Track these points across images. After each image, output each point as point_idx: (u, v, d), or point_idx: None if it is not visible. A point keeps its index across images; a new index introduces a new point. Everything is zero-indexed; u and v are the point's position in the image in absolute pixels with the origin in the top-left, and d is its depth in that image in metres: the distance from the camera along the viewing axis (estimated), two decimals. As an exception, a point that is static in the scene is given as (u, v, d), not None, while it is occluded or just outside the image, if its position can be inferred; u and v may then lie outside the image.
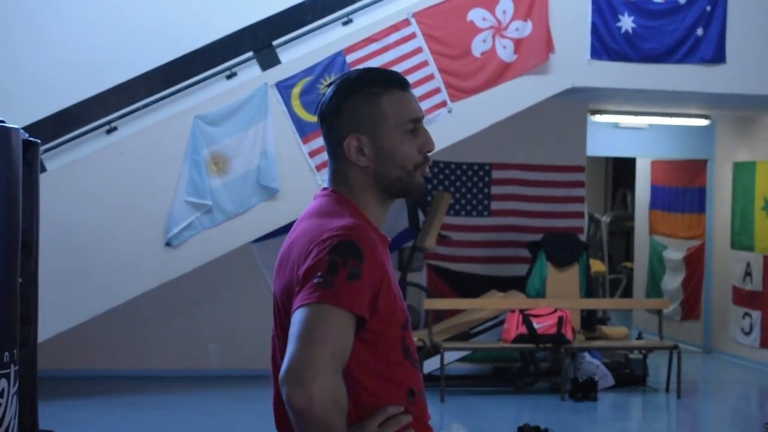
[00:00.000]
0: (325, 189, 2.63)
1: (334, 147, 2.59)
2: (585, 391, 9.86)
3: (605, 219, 15.27)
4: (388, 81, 2.59)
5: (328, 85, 2.63)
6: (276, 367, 2.53)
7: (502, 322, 10.32)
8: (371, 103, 2.55)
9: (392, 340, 2.49)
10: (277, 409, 2.57)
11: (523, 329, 9.94)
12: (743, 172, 12.23)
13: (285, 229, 9.38)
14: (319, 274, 2.35)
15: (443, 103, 9.26)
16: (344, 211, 2.51)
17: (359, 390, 2.42)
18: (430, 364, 9.88)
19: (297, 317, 2.34)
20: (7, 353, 3.92)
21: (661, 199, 13.78)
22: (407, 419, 2.46)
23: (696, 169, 13.10)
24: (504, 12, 9.37)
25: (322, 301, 2.32)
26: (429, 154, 2.62)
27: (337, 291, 2.33)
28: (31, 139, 4.47)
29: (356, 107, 2.55)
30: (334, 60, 9.11)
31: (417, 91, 2.71)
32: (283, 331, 2.50)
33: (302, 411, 2.27)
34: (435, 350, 9.78)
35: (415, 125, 2.59)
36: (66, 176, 8.86)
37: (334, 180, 2.62)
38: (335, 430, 2.30)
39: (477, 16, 9.35)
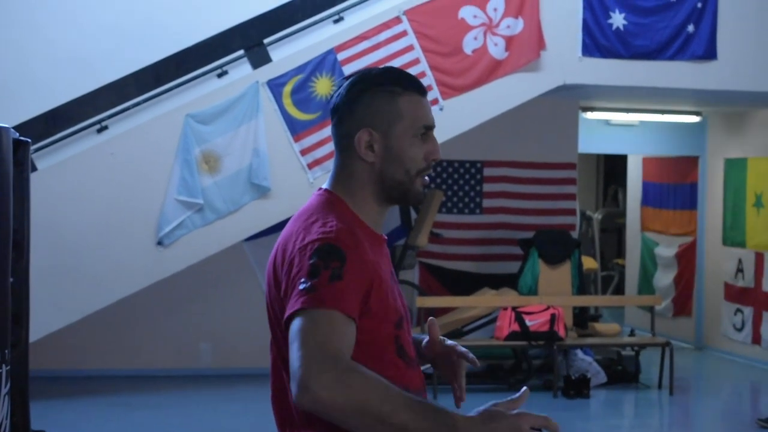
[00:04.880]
0: (319, 189, 2.64)
1: (343, 138, 2.59)
2: (577, 388, 9.85)
3: (597, 216, 15.28)
4: (409, 83, 2.61)
5: (346, 78, 2.63)
6: (272, 362, 2.59)
7: (494, 320, 10.31)
8: (389, 100, 2.56)
9: (384, 340, 2.49)
10: (275, 404, 2.59)
11: (515, 327, 9.93)
12: (734, 168, 12.24)
13: (277, 228, 9.40)
14: (302, 280, 2.36)
15: (435, 101, 9.23)
16: (330, 215, 2.50)
17: None
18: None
19: (291, 328, 2.34)
20: (-2, 353, 3.90)
21: (652, 195, 13.78)
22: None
23: (687, 165, 13.11)
24: (495, 9, 9.37)
25: (306, 306, 2.32)
26: (433, 164, 2.64)
27: (319, 294, 2.32)
28: (21, 138, 4.45)
29: (373, 102, 2.56)
30: (325, 58, 9.10)
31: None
32: (271, 330, 2.56)
33: (325, 411, 2.25)
34: (427, 348, 9.75)
35: (427, 132, 2.60)
36: (57, 175, 8.83)
37: (335, 176, 2.62)
38: (361, 406, 2.23)
39: (468, 13, 9.35)
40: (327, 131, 2.49)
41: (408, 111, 2.56)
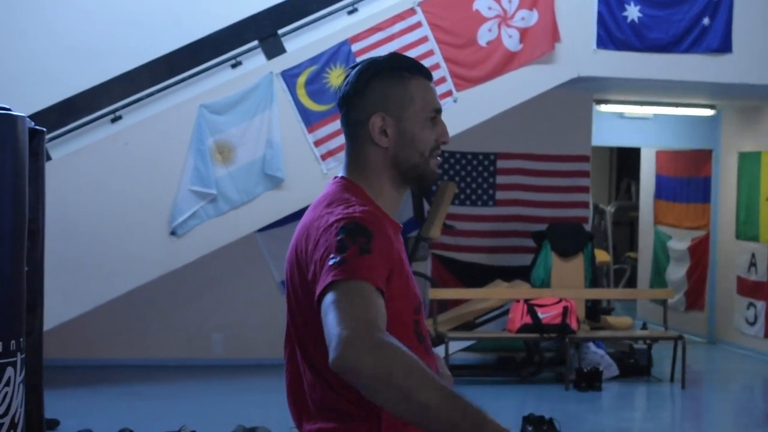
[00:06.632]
0: (335, 177, 2.64)
1: (356, 126, 2.59)
2: (589, 381, 9.85)
3: (610, 209, 15.26)
4: (415, 68, 2.62)
5: (353, 68, 2.63)
6: (288, 356, 2.59)
7: (506, 312, 10.31)
8: (400, 84, 2.57)
9: (405, 324, 2.49)
10: (290, 397, 2.59)
11: (527, 319, 9.93)
12: (748, 162, 12.20)
13: (290, 219, 9.42)
14: (331, 256, 2.34)
15: (449, 93, 9.24)
16: (351, 198, 2.50)
17: None
18: (435, 354, 9.86)
19: (323, 304, 2.31)
20: (13, 341, 3.91)
21: (665, 189, 13.75)
22: None
23: (701, 159, 13.08)
24: (510, 1, 9.35)
25: (337, 278, 2.29)
26: (443, 147, 2.65)
27: (349, 266, 2.30)
28: (37, 127, 4.46)
29: (384, 86, 2.57)
30: (340, 49, 9.09)
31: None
32: (290, 321, 2.55)
33: (353, 378, 2.18)
34: (440, 340, 9.76)
35: (436, 115, 2.61)
36: (71, 165, 8.85)
37: (349, 165, 2.62)
38: (386, 377, 2.15)
39: (483, 5, 9.33)
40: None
41: (418, 95, 2.58)
